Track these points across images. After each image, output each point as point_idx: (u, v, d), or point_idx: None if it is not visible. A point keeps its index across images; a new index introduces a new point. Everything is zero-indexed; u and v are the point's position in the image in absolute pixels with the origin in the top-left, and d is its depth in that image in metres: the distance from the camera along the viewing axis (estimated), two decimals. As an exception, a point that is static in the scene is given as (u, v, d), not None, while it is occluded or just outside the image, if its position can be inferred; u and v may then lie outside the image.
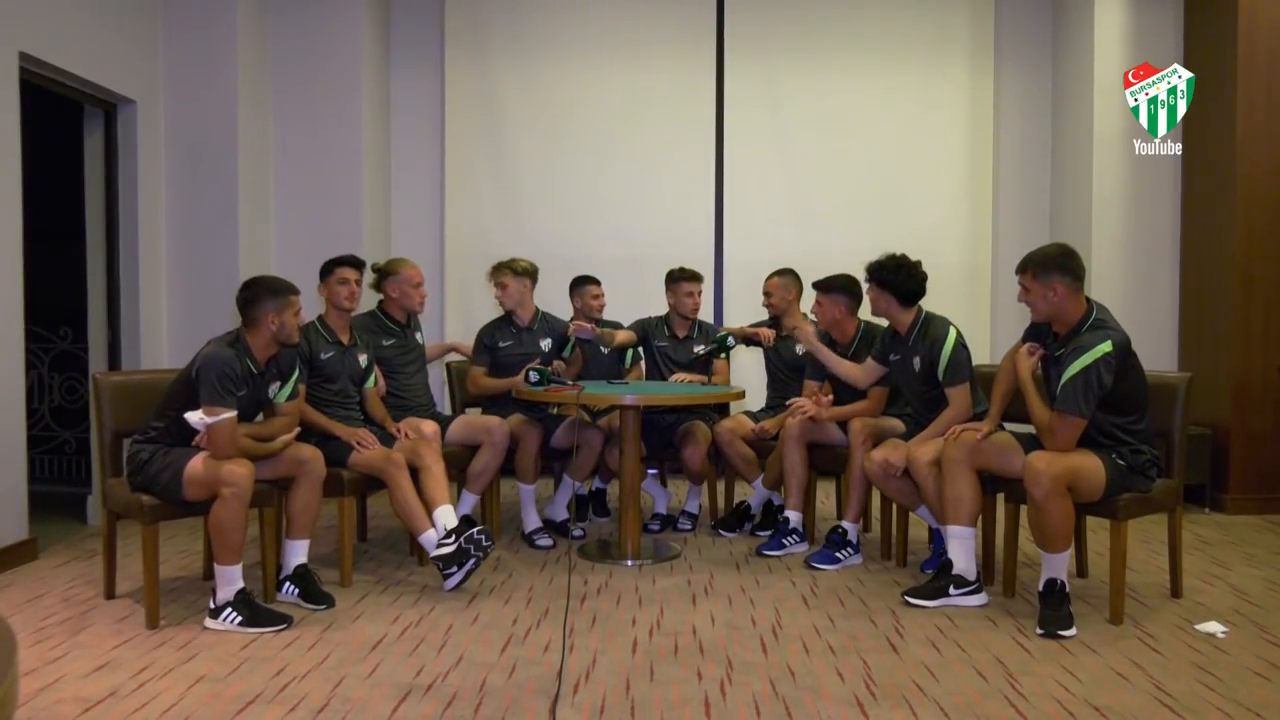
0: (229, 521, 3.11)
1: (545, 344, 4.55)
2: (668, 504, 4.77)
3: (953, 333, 3.73)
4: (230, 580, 3.15)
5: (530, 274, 4.54)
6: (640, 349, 4.91)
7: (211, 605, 3.18)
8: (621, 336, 4.73)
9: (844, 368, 4.06)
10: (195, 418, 3.12)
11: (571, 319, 4.86)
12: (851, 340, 4.20)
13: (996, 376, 3.62)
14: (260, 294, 3.28)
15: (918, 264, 3.83)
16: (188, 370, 3.21)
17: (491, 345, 4.52)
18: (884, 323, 4.23)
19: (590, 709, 2.55)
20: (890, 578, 3.80)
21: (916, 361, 3.80)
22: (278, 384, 3.43)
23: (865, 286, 3.92)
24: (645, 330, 4.85)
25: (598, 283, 4.89)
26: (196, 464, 3.13)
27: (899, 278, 3.79)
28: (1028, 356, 3.36)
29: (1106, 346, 3.08)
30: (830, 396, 4.20)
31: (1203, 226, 5.39)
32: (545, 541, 4.27)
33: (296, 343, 3.41)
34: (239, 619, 3.13)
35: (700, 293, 4.78)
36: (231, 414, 3.14)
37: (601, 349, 4.80)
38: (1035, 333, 3.44)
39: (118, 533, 3.50)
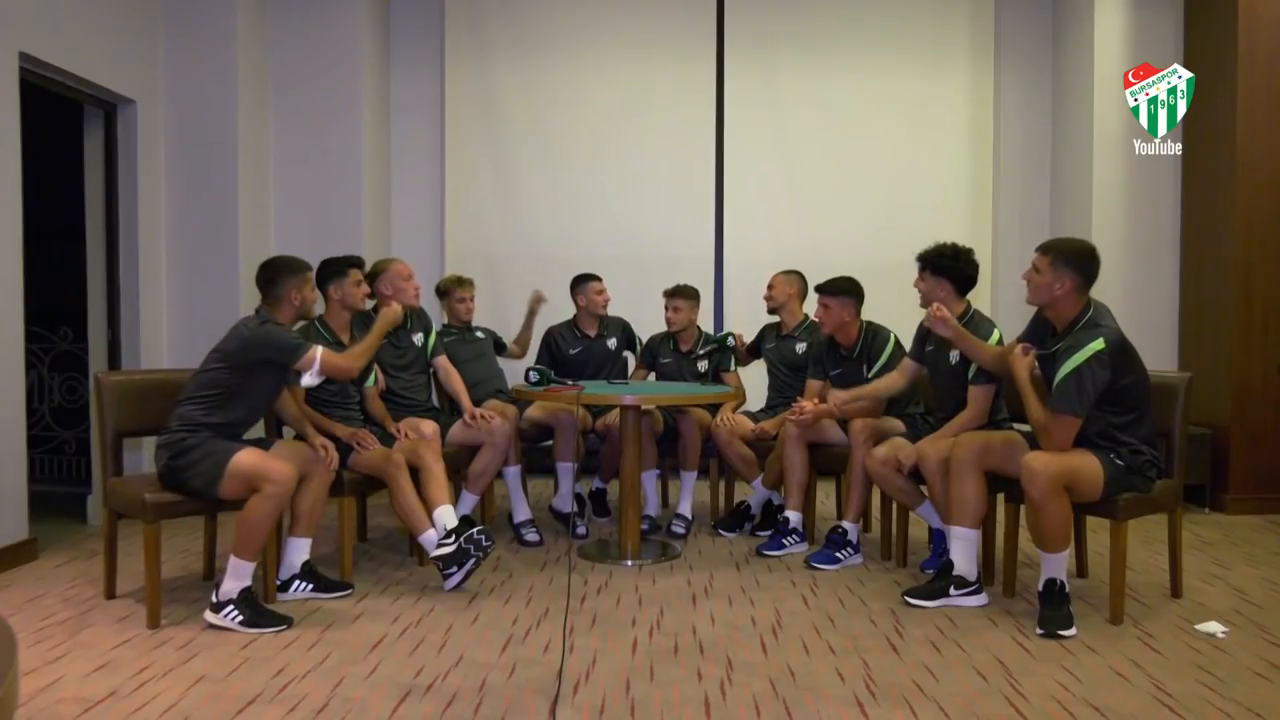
0: (262, 518, 3.14)
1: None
2: (659, 512, 4.68)
3: (996, 334, 3.67)
4: (241, 576, 3.16)
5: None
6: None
7: (214, 599, 3.17)
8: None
9: (884, 384, 3.95)
10: (308, 379, 3.29)
11: (574, 318, 4.88)
12: (855, 343, 4.19)
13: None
14: (280, 272, 3.40)
15: (971, 251, 3.76)
16: (239, 354, 3.24)
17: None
18: (886, 323, 4.26)
19: (590, 709, 2.55)
20: (890, 578, 3.80)
21: (954, 355, 3.71)
22: None
23: (916, 276, 3.80)
24: (653, 348, 4.88)
25: (599, 279, 4.89)
26: (245, 456, 3.15)
27: (958, 264, 3.71)
28: (1022, 356, 3.35)
29: (1098, 344, 3.07)
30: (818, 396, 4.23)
31: (1203, 226, 5.39)
32: (533, 537, 4.29)
33: (314, 316, 3.55)
34: (240, 618, 3.13)
35: (679, 308, 4.73)
36: (319, 348, 3.31)
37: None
38: (1034, 331, 3.43)
39: (118, 532, 3.50)
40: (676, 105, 6.06)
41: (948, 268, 3.71)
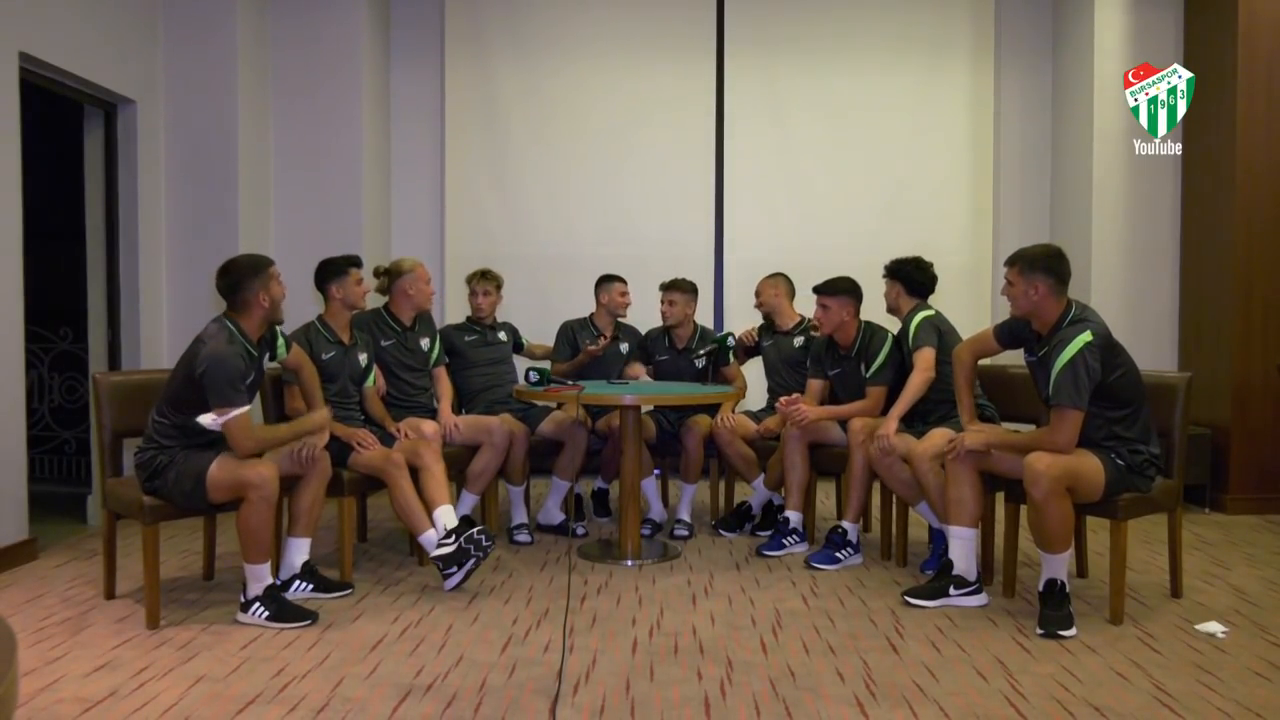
0: (258, 523, 3.14)
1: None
2: (663, 516, 4.65)
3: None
4: (260, 577, 3.19)
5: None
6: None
7: (242, 600, 3.21)
8: (635, 370, 4.81)
9: (854, 409, 4.12)
10: (208, 420, 3.10)
11: (591, 315, 4.90)
12: (853, 342, 4.19)
13: (956, 379, 3.62)
14: (244, 274, 3.22)
15: (930, 265, 4.17)
16: (188, 369, 3.14)
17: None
18: (887, 324, 4.28)
19: (590, 709, 2.55)
20: (890, 578, 3.80)
21: (907, 345, 4.04)
22: (266, 355, 3.42)
23: (885, 285, 4.18)
24: (649, 345, 4.86)
25: (624, 281, 4.88)
26: (218, 469, 3.13)
27: (906, 268, 4.12)
28: (975, 436, 3.37)
29: (1086, 336, 3.10)
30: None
31: (1203, 226, 5.39)
32: (523, 537, 4.31)
33: (282, 319, 3.35)
34: (266, 614, 3.16)
35: (674, 301, 4.71)
36: (243, 409, 3.12)
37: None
38: (1010, 330, 3.45)
39: (118, 533, 3.50)
40: (676, 105, 6.06)
41: (896, 270, 4.13)
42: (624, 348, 4.90)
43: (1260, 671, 2.83)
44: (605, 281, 4.88)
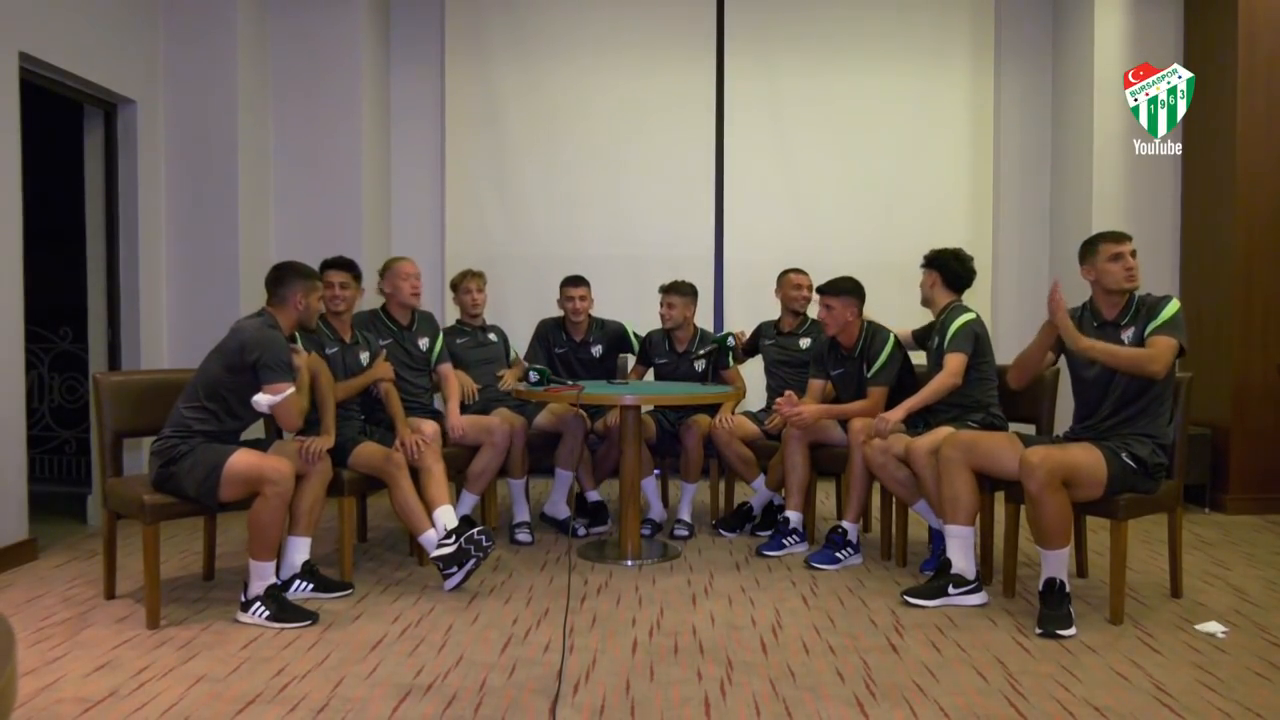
0: (270, 519, 3.16)
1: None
2: (663, 516, 4.65)
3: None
4: (263, 575, 3.20)
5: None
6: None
7: (243, 599, 3.22)
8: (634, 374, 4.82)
9: (854, 409, 4.11)
10: (263, 401, 3.22)
11: (563, 318, 4.87)
12: (856, 342, 4.19)
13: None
14: (290, 275, 3.41)
15: (970, 259, 4.09)
16: (231, 356, 3.23)
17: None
18: (888, 323, 4.27)
19: (590, 709, 2.55)
20: (890, 578, 3.80)
21: (935, 340, 4.01)
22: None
23: (921, 276, 4.11)
24: (649, 348, 4.85)
25: (575, 284, 4.74)
26: (237, 461, 3.15)
27: (944, 258, 4.05)
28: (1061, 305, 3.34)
29: (1177, 301, 3.30)
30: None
31: (1203, 226, 5.39)
32: (524, 537, 4.31)
33: (314, 328, 3.52)
34: (267, 613, 3.16)
35: (673, 304, 4.65)
36: (293, 388, 3.25)
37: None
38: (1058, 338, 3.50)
39: (118, 533, 3.50)
40: (676, 105, 6.06)
41: (935, 259, 4.04)
42: (596, 350, 4.80)
43: (1260, 671, 2.83)
44: (560, 285, 4.79)
